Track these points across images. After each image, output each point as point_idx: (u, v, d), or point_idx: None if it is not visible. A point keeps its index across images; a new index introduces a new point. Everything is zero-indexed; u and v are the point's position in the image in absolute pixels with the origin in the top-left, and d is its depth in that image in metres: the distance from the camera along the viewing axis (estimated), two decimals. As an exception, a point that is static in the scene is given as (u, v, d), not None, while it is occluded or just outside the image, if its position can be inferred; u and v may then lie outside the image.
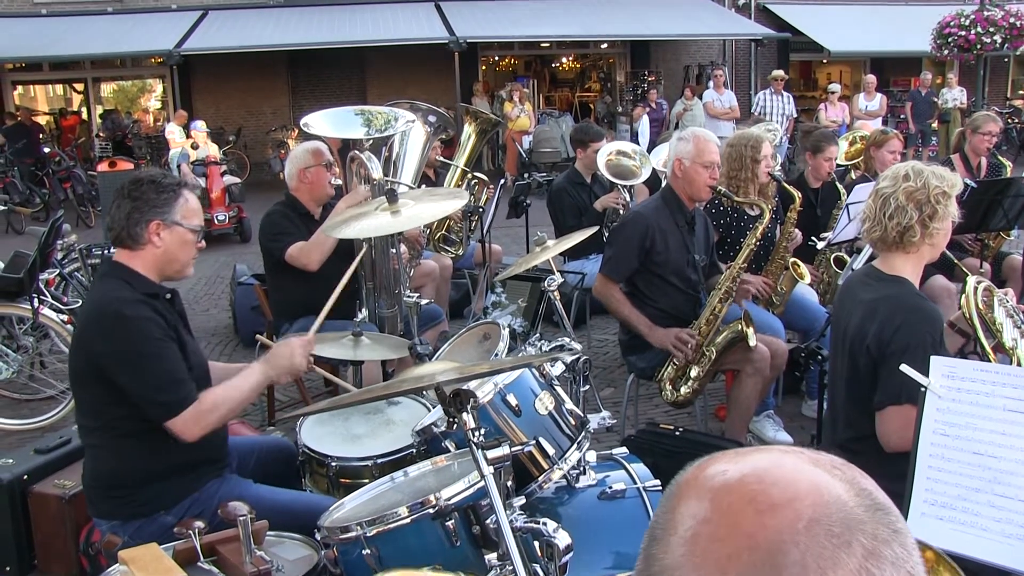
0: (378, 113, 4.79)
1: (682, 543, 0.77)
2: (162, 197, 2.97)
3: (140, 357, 2.83)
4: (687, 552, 0.76)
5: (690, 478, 0.83)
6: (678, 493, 0.82)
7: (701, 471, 0.83)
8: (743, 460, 0.81)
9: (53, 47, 18.16)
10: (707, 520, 0.77)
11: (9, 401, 6.19)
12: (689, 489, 0.81)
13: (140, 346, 2.83)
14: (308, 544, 2.70)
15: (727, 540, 0.75)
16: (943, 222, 3.00)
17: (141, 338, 2.84)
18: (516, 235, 9.90)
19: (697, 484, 0.81)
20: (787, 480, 0.78)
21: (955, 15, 15.60)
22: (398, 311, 4.59)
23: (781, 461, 0.80)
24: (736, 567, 0.73)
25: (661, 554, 0.78)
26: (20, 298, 5.72)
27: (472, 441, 2.07)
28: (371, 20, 19.09)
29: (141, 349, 2.83)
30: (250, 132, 20.60)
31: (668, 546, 0.78)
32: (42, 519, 3.86)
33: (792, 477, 0.78)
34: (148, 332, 2.86)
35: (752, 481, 0.78)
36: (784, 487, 0.77)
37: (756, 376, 4.44)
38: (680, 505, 0.80)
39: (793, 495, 0.76)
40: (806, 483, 0.77)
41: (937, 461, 2.28)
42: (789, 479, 0.78)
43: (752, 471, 0.79)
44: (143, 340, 2.84)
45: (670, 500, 0.82)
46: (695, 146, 4.52)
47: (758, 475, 0.79)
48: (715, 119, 15.22)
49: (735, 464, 0.81)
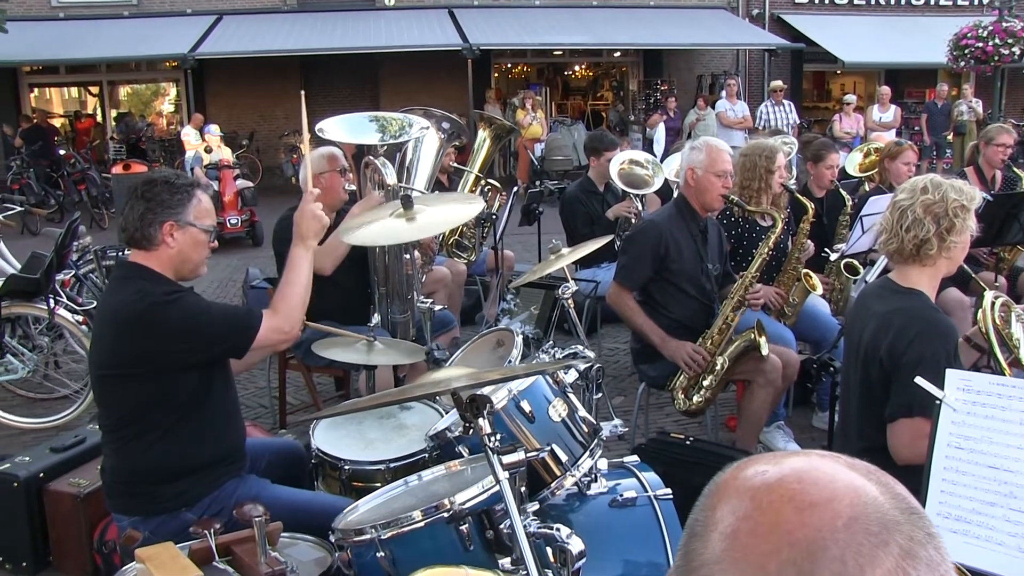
0: (392, 119, 4.80)
1: (722, 539, 0.79)
2: (175, 198, 3.00)
3: (195, 319, 2.93)
4: (727, 547, 0.79)
5: (729, 478, 0.85)
6: (717, 492, 0.84)
7: (740, 471, 0.85)
8: (782, 462, 0.84)
9: (70, 50, 18.29)
10: (747, 517, 0.79)
11: (24, 400, 6.24)
12: (728, 488, 0.84)
13: (187, 313, 2.92)
14: (322, 546, 2.71)
15: (767, 536, 0.77)
16: (961, 235, 2.99)
17: (185, 308, 2.93)
18: (527, 242, 9.91)
19: (736, 484, 0.84)
20: (825, 481, 0.80)
21: (972, 26, 15.55)
22: (411, 316, 4.61)
23: (819, 463, 0.83)
24: (776, 562, 0.75)
25: (701, 549, 0.81)
26: (36, 298, 5.76)
27: (488, 446, 2.08)
28: (384, 26, 19.15)
29: (190, 315, 2.92)
30: (263, 136, 20.67)
31: (708, 542, 0.80)
32: (57, 517, 3.90)
33: (830, 478, 0.80)
34: (188, 301, 2.96)
35: (792, 481, 0.80)
36: (823, 487, 0.79)
37: (768, 387, 4.44)
38: (720, 503, 0.83)
39: (831, 495, 0.78)
40: (843, 484, 0.80)
41: (952, 474, 2.28)
42: (827, 480, 0.80)
43: (791, 471, 0.82)
44: (187, 308, 2.93)
45: (709, 499, 0.85)
46: (708, 155, 4.53)
47: (797, 475, 0.81)
48: (728, 128, 15.23)
49: (774, 465, 0.83)
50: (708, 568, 0.79)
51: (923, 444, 2.64)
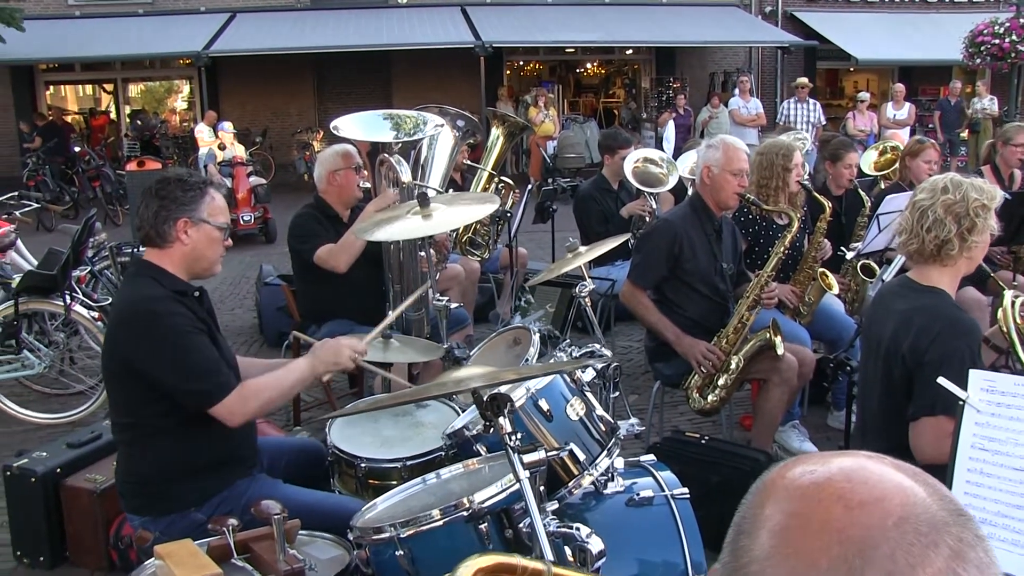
0: (407, 117, 4.80)
1: (772, 536, 0.80)
2: (189, 195, 3.01)
3: (175, 350, 2.87)
4: (777, 544, 0.79)
5: (776, 477, 0.86)
6: (764, 490, 0.85)
7: (787, 470, 0.86)
8: (830, 461, 0.84)
9: (85, 48, 18.39)
10: (797, 514, 0.80)
11: (40, 395, 6.27)
12: (776, 487, 0.84)
13: (174, 339, 2.87)
14: (340, 544, 2.71)
15: (818, 533, 0.78)
16: (982, 235, 2.96)
17: (174, 332, 2.88)
18: (540, 240, 9.90)
19: (785, 482, 0.84)
20: (874, 480, 0.81)
21: (988, 23, 15.47)
22: (425, 314, 4.61)
23: (867, 463, 0.83)
24: (827, 559, 0.76)
25: (750, 546, 0.81)
26: (53, 294, 5.79)
27: (508, 445, 2.08)
28: (397, 23, 19.17)
29: (175, 341, 2.87)
30: (276, 134, 20.72)
31: (757, 539, 0.81)
32: (74, 512, 3.92)
33: (879, 478, 0.81)
34: (180, 326, 2.90)
35: (841, 480, 0.81)
36: (872, 487, 0.80)
37: (783, 386, 4.43)
38: (768, 502, 0.83)
39: (881, 494, 0.79)
40: (893, 484, 0.80)
41: (976, 476, 2.26)
42: (876, 480, 0.81)
43: (840, 471, 0.82)
44: (176, 333, 2.88)
45: (756, 497, 0.85)
46: (724, 154, 4.52)
47: (846, 475, 0.82)
48: (741, 126, 15.17)
49: (822, 465, 0.84)
50: (758, 564, 0.80)
51: (946, 443, 2.62)
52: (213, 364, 2.93)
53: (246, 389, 2.95)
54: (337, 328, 4.66)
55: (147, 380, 2.88)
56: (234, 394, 2.91)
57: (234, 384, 2.95)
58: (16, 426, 5.79)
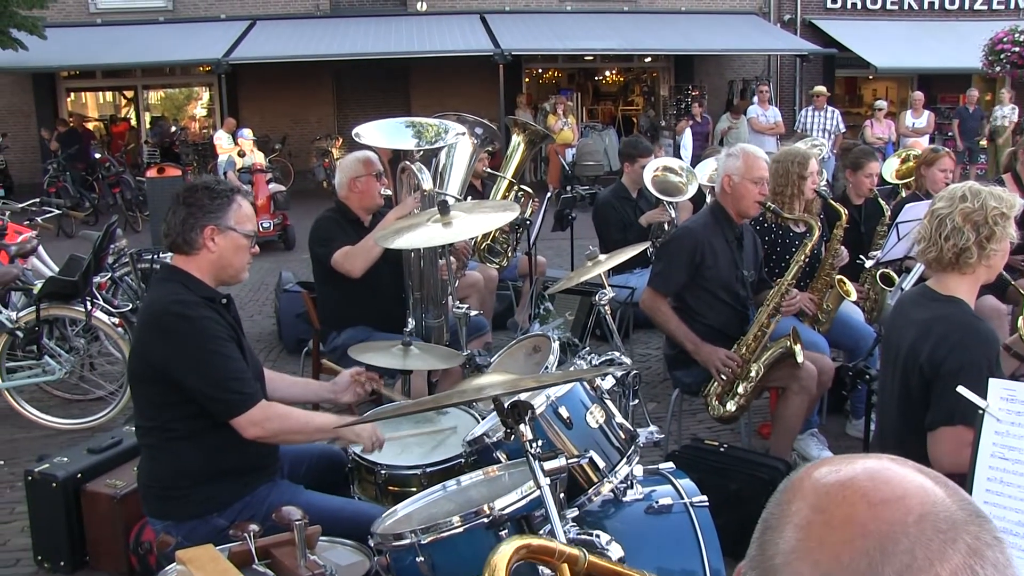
0: (428, 125, 4.82)
1: (797, 530, 0.84)
2: (216, 203, 3.04)
3: (206, 354, 2.89)
4: (803, 538, 0.83)
5: (803, 476, 0.89)
6: (791, 489, 0.89)
7: (813, 470, 0.89)
8: (855, 462, 0.88)
9: (106, 55, 18.51)
10: (822, 510, 0.83)
11: (61, 401, 6.32)
12: (803, 485, 0.88)
13: (204, 344, 2.90)
14: (360, 550, 2.72)
15: (841, 528, 0.81)
16: (1001, 243, 2.95)
17: (205, 337, 2.91)
18: (559, 247, 9.91)
19: (811, 481, 0.88)
20: (896, 480, 0.84)
21: (1008, 31, 15.40)
22: (444, 321, 4.63)
23: (889, 465, 0.87)
24: (849, 552, 0.79)
25: (776, 540, 0.85)
26: (74, 301, 5.83)
27: (529, 452, 2.09)
28: (416, 31, 19.23)
29: (205, 347, 2.90)
30: (295, 141, 20.81)
31: (783, 533, 0.85)
32: (94, 517, 3.94)
33: (900, 478, 0.84)
34: (212, 331, 2.93)
35: (864, 479, 0.85)
36: (894, 486, 0.83)
37: (802, 394, 4.42)
38: (795, 499, 0.87)
39: (903, 493, 0.82)
40: (914, 484, 0.84)
41: (996, 485, 2.25)
42: (898, 480, 0.84)
43: (863, 471, 0.86)
44: (207, 339, 2.91)
45: (783, 495, 0.89)
46: (744, 162, 4.52)
47: (869, 474, 0.85)
48: (759, 134, 15.14)
49: (847, 465, 0.88)
50: (783, 557, 0.83)
51: (965, 452, 2.61)
52: (241, 374, 2.95)
53: (271, 409, 2.98)
54: (357, 334, 4.68)
55: (174, 384, 2.90)
56: (257, 409, 2.93)
57: (259, 397, 2.97)
58: (37, 431, 5.84)
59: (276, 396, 3.15)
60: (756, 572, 0.86)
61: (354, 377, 3.45)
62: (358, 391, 3.46)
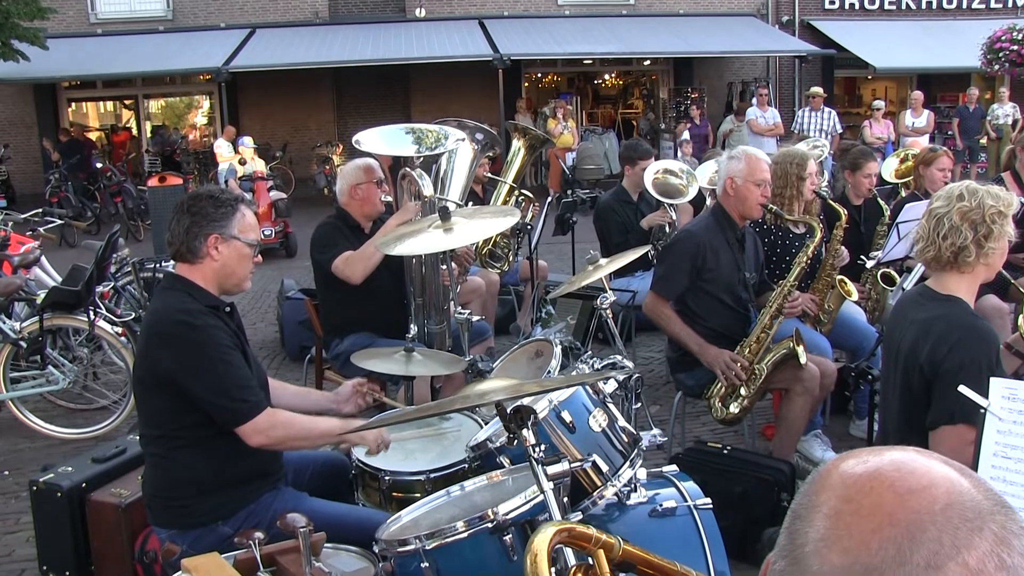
0: (428, 131, 4.83)
1: (826, 519, 0.86)
2: (220, 211, 3.05)
3: (211, 362, 2.90)
4: (831, 526, 0.85)
5: (831, 467, 0.92)
6: (819, 479, 0.91)
7: (841, 461, 0.92)
8: (882, 453, 0.90)
9: (107, 65, 18.58)
10: (850, 499, 0.86)
11: (64, 411, 6.33)
12: (831, 476, 0.90)
13: (211, 351, 2.91)
14: (365, 556, 2.72)
15: (870, 517, 0.83)
16: (999, 242, 2.96)
17: (210, 345, 2.92)
18: (560, 251, 9.91)
19: (839, 472, 0.90)
20: (923, 471, 0.86)
21: (1007, 29, 15.43)
22: (447, 327, 4.63)
23: (916, 456, 0.89)
24: (878, 540, 0.81)
25: (806, 528, 0.87)
26: (77, 310, 5.85)
27: (532, 457, 2.09)
28: (415, 37, 19.27)
29: (211, 355, 2.91)
30: (295, 148, 20.84)
31: (812, 522, 0.87)
32: (99, 526, 3.93)
33: (927, 469, 0.86)
34: (217, 339, 2.94)
35: (891, 469, 0.87)
36: (921, 476, 0.85)
37: (806, 395, 4.42)
38: (823, 489, 0.89)
39: (929, 483, 0.84)
40: (940, 475, 0.86)
41: (999, 484, 2.25)
42: (924, 470, 0.86)
43: (890, 462, 0.88)
44: (213, 346, 2.92)
45: (812, 486, 0.91)
46: (747, 164, 4.53)
47: (896, 465, 0.87)
48: (759, 136, 15.16)
49: (875, 456, 0.90)
50: (813, 545, 0.85)
51: (966, 451, 2.62)
52: (246, 381, 2.96)
53: (275, 417, 2.99)
54: (360, 341, 4.69)
55: (179, 392, 2.91)
56: (262, 417, 2.94)
57: (264, 405, 2.98)
58: (41, 441, 5.85)
59: (278, 406, 3.16)
60: (786, 560, 0.88)
61: (356, 388, 3.45)
62: (360, 402, 3.46)
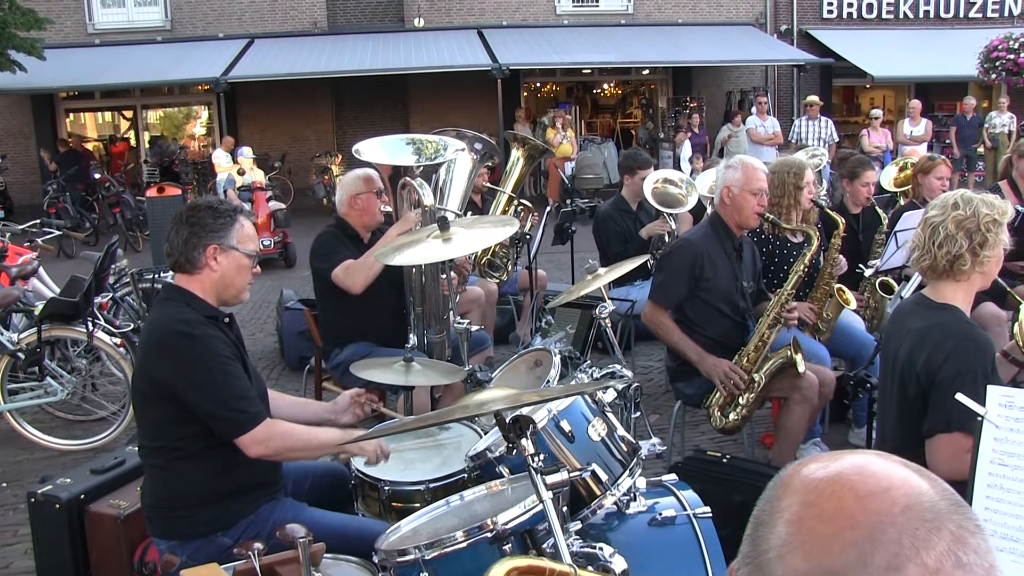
0: (428, 141, 4.84)
1: (788, 525, 0.87)
2: (219, 222, 3.05)
3: (211, 373, 2.90)
4: (793, 531, 0.86)
5: (792, 473, 0.93)
6: (781, 485, 0.92)
7: (802, 467, 0.93)
8: (841, 458, 0.92)
9: (105, 75, 18.58)
10: (811, 504, 0.87)
11: (63, 422, 6.33)
12: (792, 482, 0.91)
13: (210, 363, 2.91)
14: (365, 567, 2.72)
15: (831, 521, 0.84)
16: (994, 250, 2.97)
17: (210, 355, 2.92)
18: (559, 261, 9.92)
19: (800, 477, 0.91)
20: (882, 473, 0.88)
21: (1003, 38, 15.50)
22: (446, 337, 4.63)
23: (874, 459, 0.91)
24: (839, 543, 0.83)
25: (768, 535, 0.88)
26: (75, 321, 5.84)
27: (532, 467, 2.10)
28: (414, 47, 19.30)
29: (211, 365, 2.91)
30: (294, 158, 20.83)
31: (775, 528, 0.88)
32: (98, 538, 3.92)
33: (886, 472, 0.88)
34: (217, 350, 2.95)
35: (851, 473, 0.88)
36: (880, 478, 0.87)
37: (804, 404, 4.42)
38: (785, 495, 0.90)
39: (888, 485, 0.86)
40: (898, 477, 0.87)
41: (996, 492, 2.26)
42: (884, 473, 0.88)
43: (850, 465, 0.89)
44: (212, 357, 2.92)
45: (773, 491, 0.92)
46: (744, 174, 4.54)
47: (856, 468, 0.89)
48: (758, 145, 15.20)
49: (834, 461, 0.91)
50: (776, 551, 0.86)
51: (962, 459, 2.63)
52: (245, 392, 2.97)
53: (274, 427, 2.99)
54: (359, 351, 4.69)
55: (179, 403, 2.91)
56: (261, 428, 2.94)
57: (264, 416, 2.98)
58: (40, 452, 5.85)
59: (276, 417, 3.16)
60: (749, 568, 0.89)
61: (354, 398, 3.45)
62: (357, 412, 3.46)
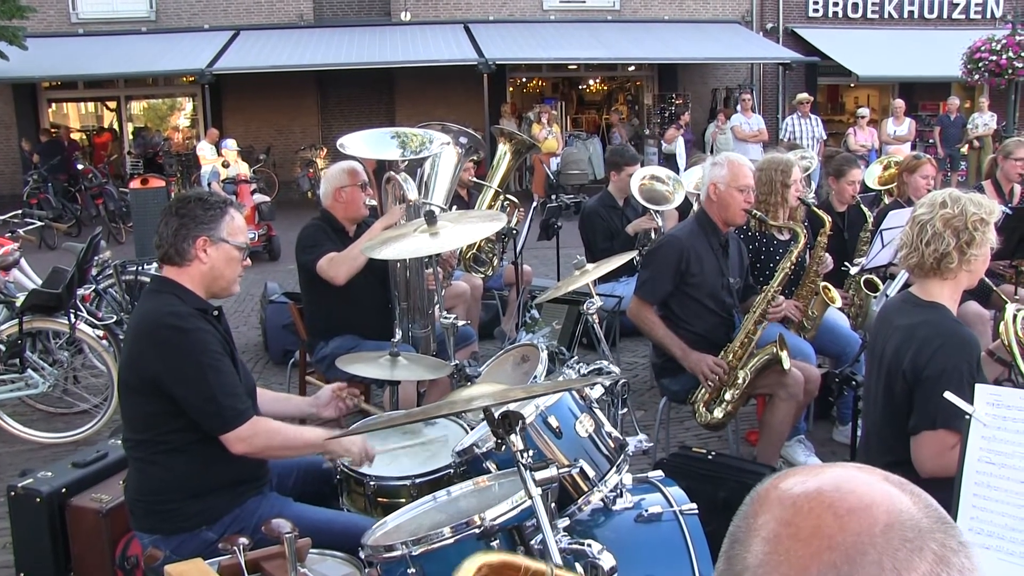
0: (413, 135, 4.82)
1: (764, 543, 0.83)
2: (208, 214, 3.03)
3: (199, 368, 2.88)
4: (770, 551, 0.82)
5: (769, 488, 0.89)
6: (758, 500, 0.88)
7: (779, 482, 0.89)
8: (820, 473, 0.88)
9: (88, 66, 18.46)
10: (788, 523, 0.83)
11: (44, 414, 6.27)
12: (769, 497, 0.88)
13: (199, 357, 2.89)
14: (350, 562, 2.71)
15: (808, 541, 0.81)
16: (981, 249, 2.99)
17: (199, 349, 2.90)
18: (544, 256, 9.92)
19: (777, 493, 0.88)
20: (863, 490, 0.84)
21: (986, 40, 15.59)
22: (431, 331, 4.62)
23: (855, 474, 0.87)
24: (817, 565, 0.79)
25: (744, 554, 0.85)
26: (58, 313, 5.79)
27: (520, 463, 2.09)
28: (400, 41, 19.26)
29: (200, 360, 2.89)
30: (279, 151, 20.77)
31: (751, 547, 0.84)
32: (79, 532, 3.89)
33: (867, 488, 0.84)
34: (206, 344, 2.92)
35: (830, 489, 0.85)
36: (860, 495, 0.83)
37: (789, 401, 4.44)
38: (761, 511, 0.86)
39: (869, 502, 0.82)
40: (880, 493, 0.84)
41: (983, 489, 2.27)
42: (864, 489, 0.84)
43: (830, 481, 0.86)
44: (201, 351, 2.90)
45: (750, 507, 0.89)
46: (730, 170, 4.55)
47: (835, 484, 0.85)
48: (743, 142, 15.22)
49: (813, 476, 0.88)
50: (751, 572, 0.83)
51: (948, 456, 2.64)
52: (234, 388, 2.95)
53: (259, 425, 2.97)
54: (345, 343, 4.67)
55: (166, 396, 2.88)
56: (247, 425, 2.92)
57: (251, 413, 2.96)
58: (20, 445, 5.79)
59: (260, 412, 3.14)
60: None
61: (335, 392, 3.43)
62: (340, 406, 3.44)
